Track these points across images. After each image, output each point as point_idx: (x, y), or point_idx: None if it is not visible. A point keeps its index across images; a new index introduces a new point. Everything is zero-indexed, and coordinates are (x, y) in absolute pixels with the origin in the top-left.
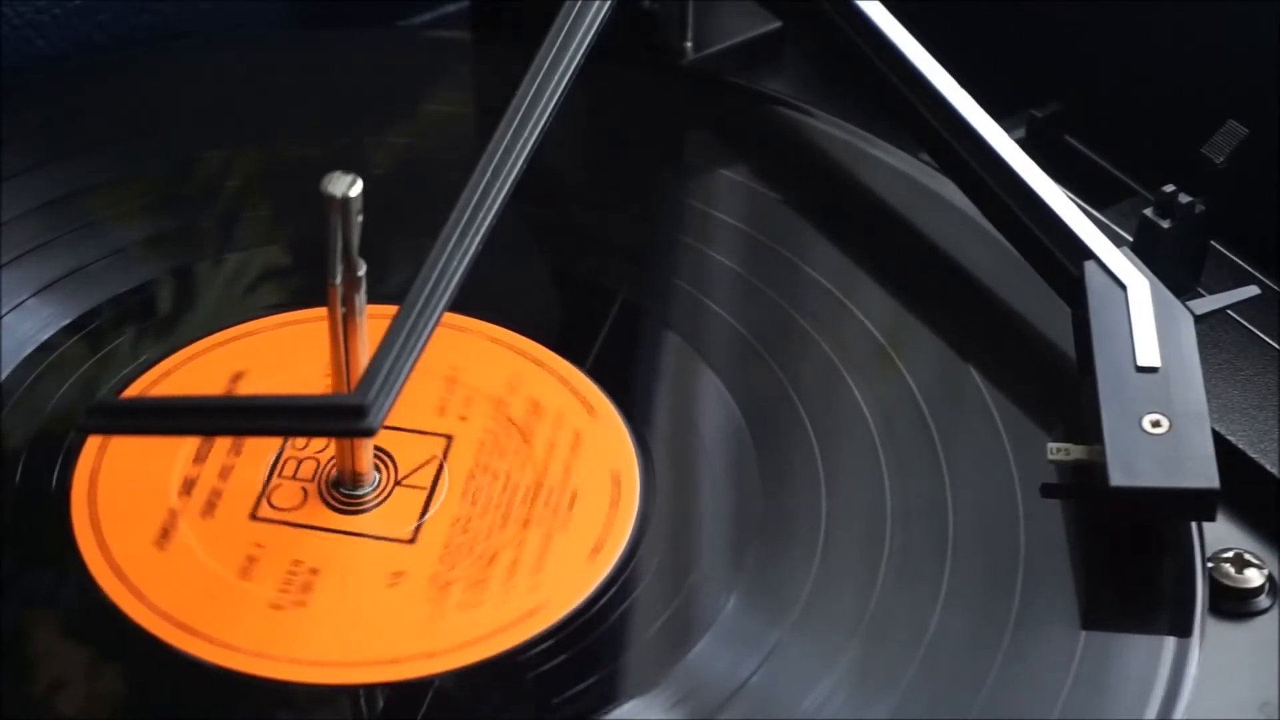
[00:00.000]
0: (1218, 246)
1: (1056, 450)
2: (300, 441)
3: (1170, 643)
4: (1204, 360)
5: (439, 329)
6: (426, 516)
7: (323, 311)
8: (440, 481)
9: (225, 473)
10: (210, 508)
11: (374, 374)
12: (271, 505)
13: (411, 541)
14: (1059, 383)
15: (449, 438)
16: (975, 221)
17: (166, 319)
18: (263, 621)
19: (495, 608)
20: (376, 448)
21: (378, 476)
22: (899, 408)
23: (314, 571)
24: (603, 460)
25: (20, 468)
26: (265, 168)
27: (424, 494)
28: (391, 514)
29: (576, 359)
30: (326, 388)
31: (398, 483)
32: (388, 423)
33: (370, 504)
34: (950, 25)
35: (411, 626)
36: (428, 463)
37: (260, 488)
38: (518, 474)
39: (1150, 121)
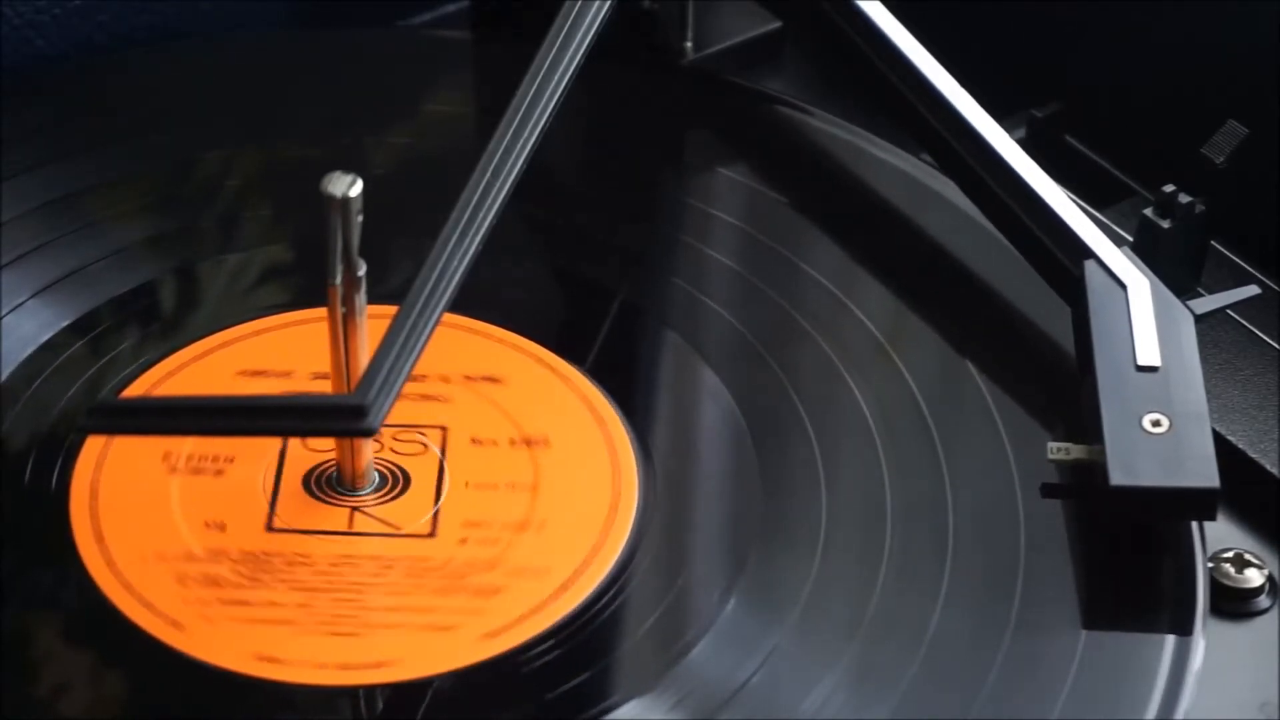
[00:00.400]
0: (1218, 246)
1: (1056, 450)
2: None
3: (1170, 643)
4: (1204, 360)
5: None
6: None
7: (323, 311)
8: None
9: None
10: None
11: (374, 374)
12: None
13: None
14: (1059, 382)
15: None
16: (975, 221)
17: (167, 319)
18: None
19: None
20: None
21: (377, 478)
22: (899, 407)
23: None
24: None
25: (21, 468)
26: (265, 168)
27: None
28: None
29: (576, 359)
30: (326, 387)
31: (397, 492)
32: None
33: (359, 505)
34: (950, 25)
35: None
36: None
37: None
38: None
39: (1150, 121)
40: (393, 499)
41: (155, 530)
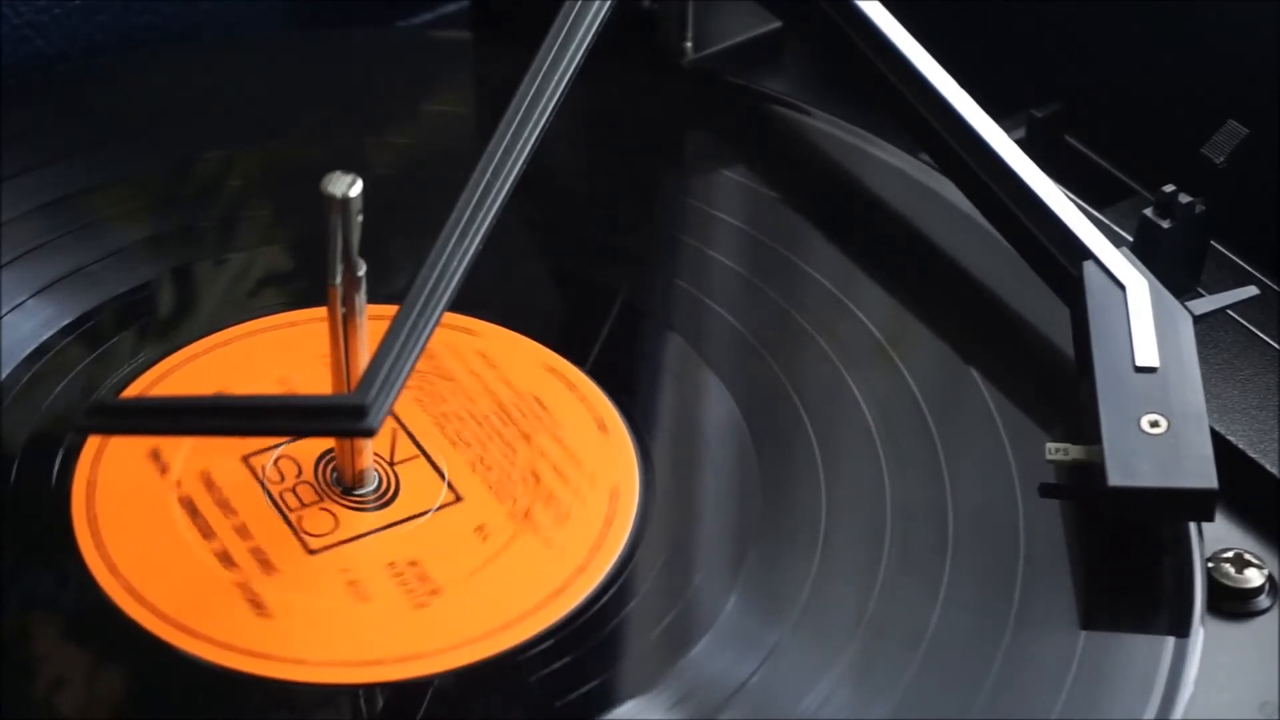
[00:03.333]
0: (1218, 246)
1: (1055, 450)
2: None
3: (1170, 643)
4: (1203, 360)
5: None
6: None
7: (323, 312)
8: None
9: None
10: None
11: (374, 374)
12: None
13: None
14: (1058, 382)
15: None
16: (975, 221)
17: (166, 319)
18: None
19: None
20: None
21: (377, 479)
22: (899, 407)
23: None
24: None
25: (20, 468)
26: (265, 168)
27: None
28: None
29: (576, 359)
30: (326, 388)
31: (392, 495)
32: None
33: (354, 505)
34: (950, 25)
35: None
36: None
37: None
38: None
39: (1150, 121)
40: (356, 509)
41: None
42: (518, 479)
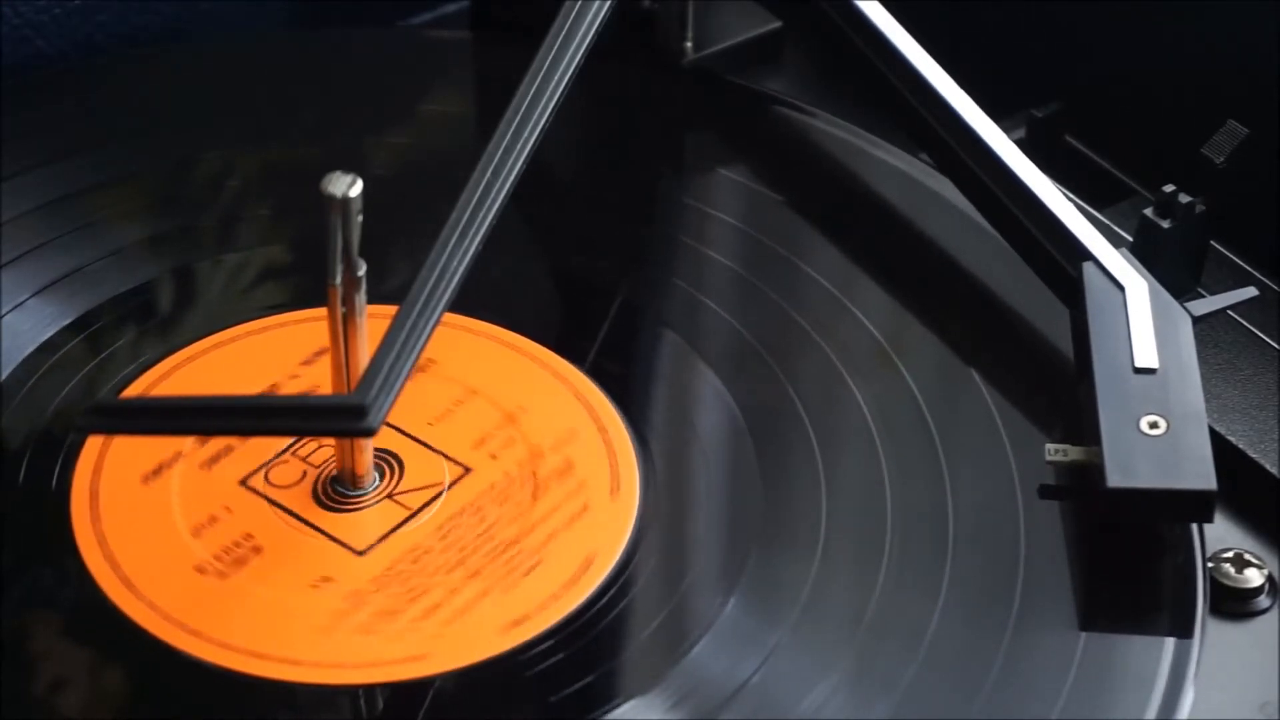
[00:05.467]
0: (1218, 246)
1: (1055, 451)
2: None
3: (1170, 643)
4: (1203, 360)
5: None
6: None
7: (323, 311)
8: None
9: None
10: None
11: (374, 374)
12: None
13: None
14: (1057, 384)
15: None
16: (975, 222)
17: (166, 319)
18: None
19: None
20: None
21: (377, 480)
22: (899, 408)
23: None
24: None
25: (20, 468)
26: (265, 168)
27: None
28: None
29: (576, 359)
30: (325, 388)
31: (391, 495)
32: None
33: (352, 507)
34: (950, 25)
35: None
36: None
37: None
38: (503, 526)
39: (1150, 121)
40: (368, 507)
41: (156, 529)
42: (407, 586)
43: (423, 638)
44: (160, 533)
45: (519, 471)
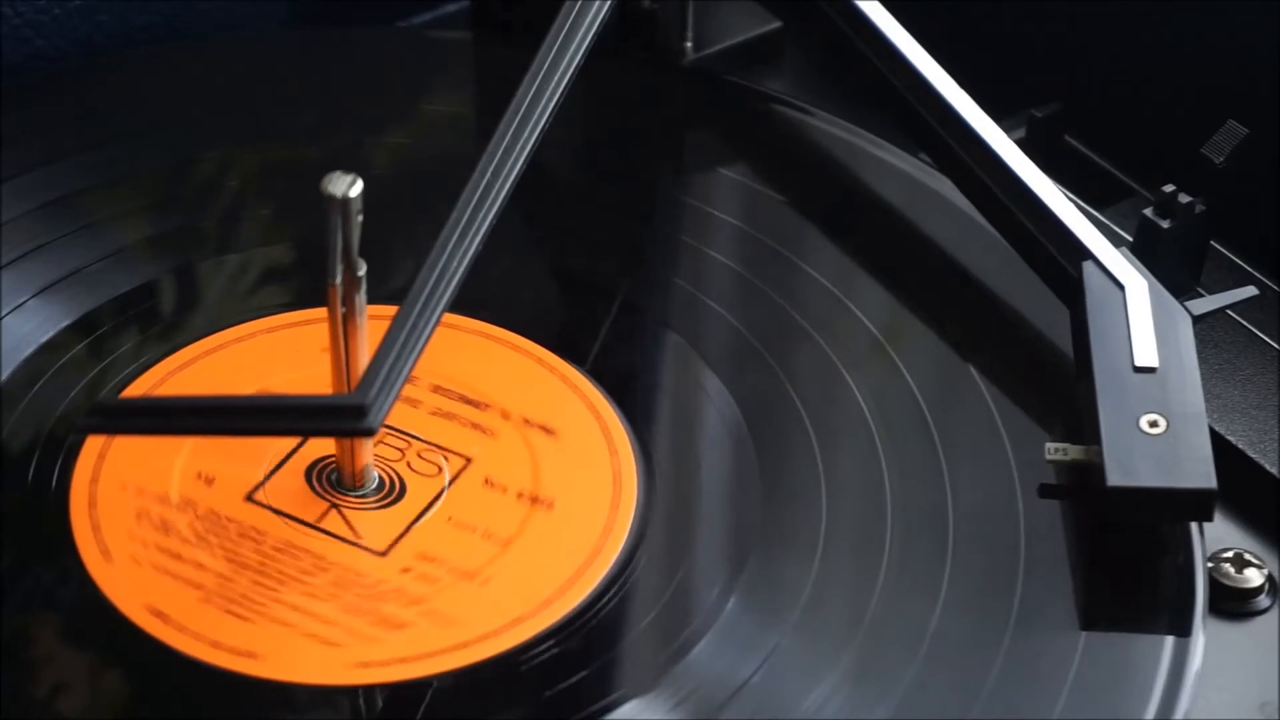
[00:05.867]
0: (1218, 246)
1: (1054, 450)
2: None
3: (1170, 643)
4: (1203, 360)
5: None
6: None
7: (323, 311)
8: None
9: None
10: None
11: (374, 374)
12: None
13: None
14: (1058, 383)
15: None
16: (975, 221)
17: (167, 319)
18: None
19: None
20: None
21: (378, 479)
22: (899, 407)
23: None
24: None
25: (20, 468)
26: (265, 168)
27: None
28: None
29: (576, 359)
30: (325, 388)
31: (391, 495)
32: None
33: (353, 507)
34: (950, 25)
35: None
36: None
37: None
38: (501, 528)
39: (1150, 121)
40: (376, 508)
41: (156, 528)
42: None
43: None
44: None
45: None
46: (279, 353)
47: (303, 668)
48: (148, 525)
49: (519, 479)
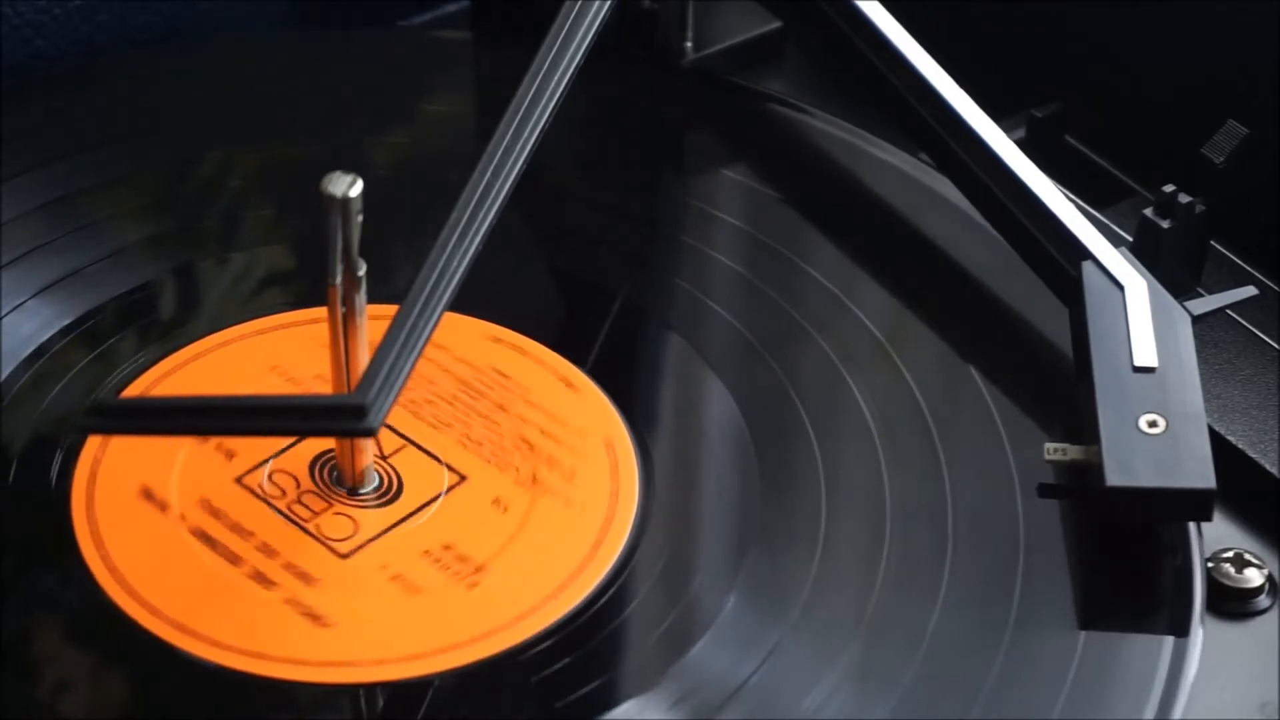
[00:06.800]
0: (1218, 246)
1: (1054, 450)
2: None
3: (1169, 643)
4: (1203, 360)
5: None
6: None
7: (323, 311)
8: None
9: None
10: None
11: (374, 374)
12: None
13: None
14: (1057, 383)
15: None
16: (975, 221)
17: (166, 319)
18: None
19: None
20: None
21: (378, 480)
22: (899, 407)
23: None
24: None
25: (20, 468)
26: (265, 168)
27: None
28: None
29: (577, 359)
30: (326, 388)
31: (391, 494)
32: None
33: (354, 507)
34: (950, 25)
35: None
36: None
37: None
38: (502, 525)
39: (1150, 121)
40: (376, 506)
41: (156, 528)
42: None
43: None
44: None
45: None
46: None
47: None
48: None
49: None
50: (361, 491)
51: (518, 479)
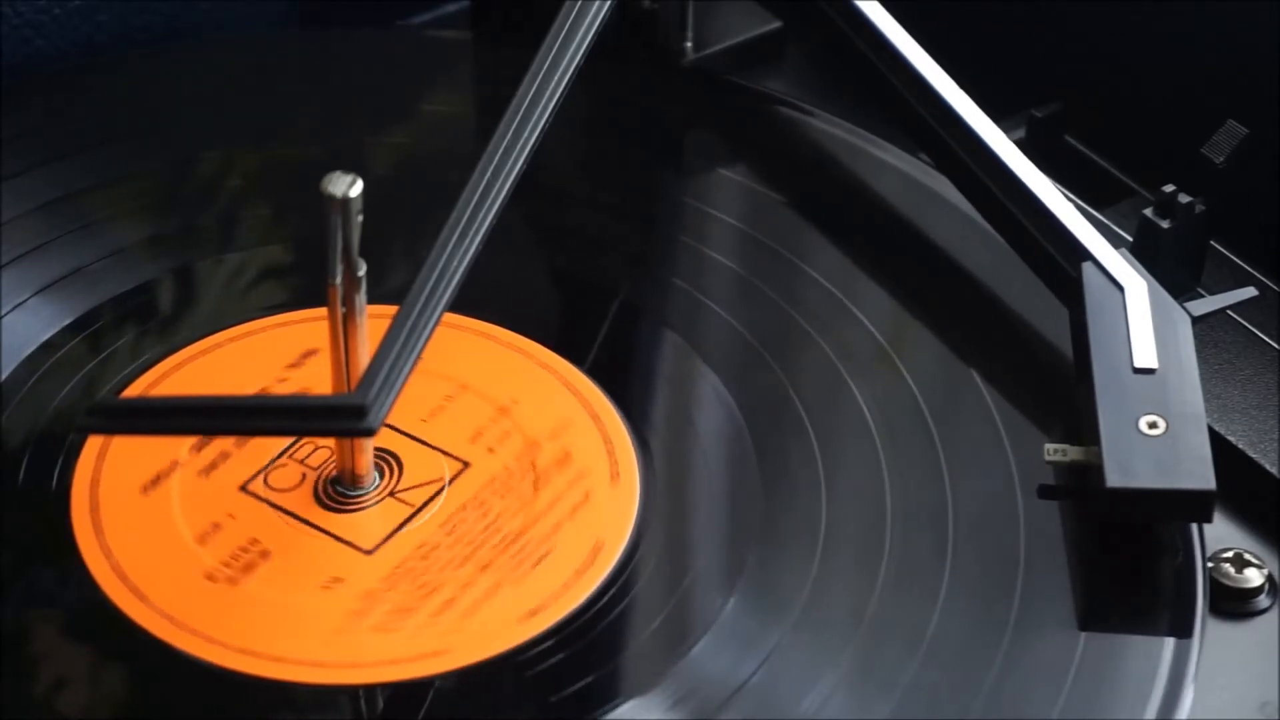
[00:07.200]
0: (1218, 246)
1: (1054, 451)
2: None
3: (1170, 643)
4: (1203, 360)
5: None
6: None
7: (323, 311)
8: (432, 504)
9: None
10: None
11: (374, 374)
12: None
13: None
14: (1057, 383)
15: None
16: (975, 221)
17: (167, 319)
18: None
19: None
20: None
21: (378, 479)
22: (899, 408)
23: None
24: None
25: (21, 468)
26: (265, 168)
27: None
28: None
29: (576, 359)
30: (326, 387)
31: (392, 493)
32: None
33: (355, 507)
34: (950, 25)
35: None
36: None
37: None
38: (507, 519)
39: (1150, 121)
40: (376, 506)
41: (156, 528)
42: (419, 583)
43: (441, 633)
44: (161, 531)
45: (518, 468)
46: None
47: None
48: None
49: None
50: (361, 490)
51: (518, 477)
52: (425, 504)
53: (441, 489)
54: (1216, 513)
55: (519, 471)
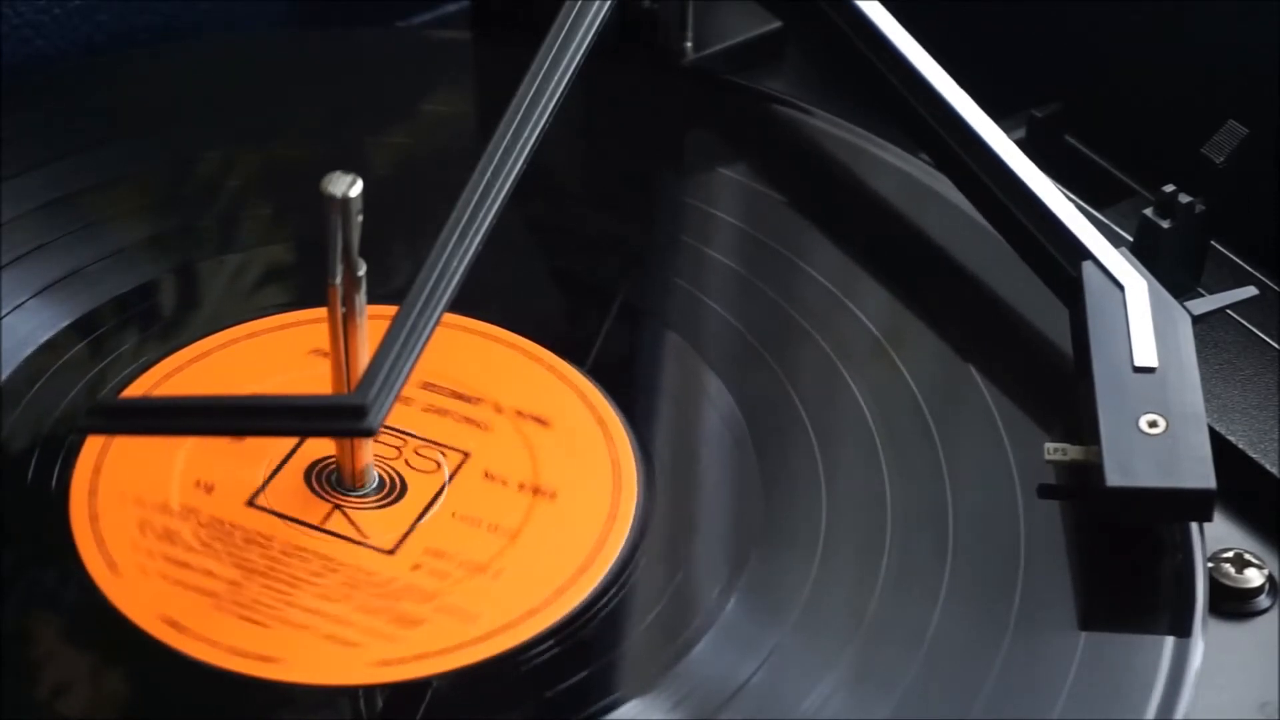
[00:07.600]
0: (1218, 246)
1: (1054, 450)
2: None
3: (1170, 643)
4: (1204, 360)
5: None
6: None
7: (323, 311)
8: (433, 504)
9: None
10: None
11: (374, 374)
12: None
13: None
14: (1058, 382)
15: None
16: (975, 221)
17: (167, 319)
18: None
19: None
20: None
21: (378, 479)
22: (898, 407)
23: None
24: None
25: (21, 468)
26: (265, 168)
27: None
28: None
29: (576, 359)
30: (326, 387)
31: (392, 494)
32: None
33: (355, 507)
34: (950, 25)
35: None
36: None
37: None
38: (507, 519)
39: (1150, 121)
40: (379, 507)
41: (156, 529)
42: (456, 564)
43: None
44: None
45: (518, 469)
46: (279, 352)
47: (324, 669)
48: (152, 535)
49: (519, 472)
50: (362, 491)
51: (518, 478)
52: (427, 505)
53: (442, 489)
54: (1216, 513)
55: (518, 476)
